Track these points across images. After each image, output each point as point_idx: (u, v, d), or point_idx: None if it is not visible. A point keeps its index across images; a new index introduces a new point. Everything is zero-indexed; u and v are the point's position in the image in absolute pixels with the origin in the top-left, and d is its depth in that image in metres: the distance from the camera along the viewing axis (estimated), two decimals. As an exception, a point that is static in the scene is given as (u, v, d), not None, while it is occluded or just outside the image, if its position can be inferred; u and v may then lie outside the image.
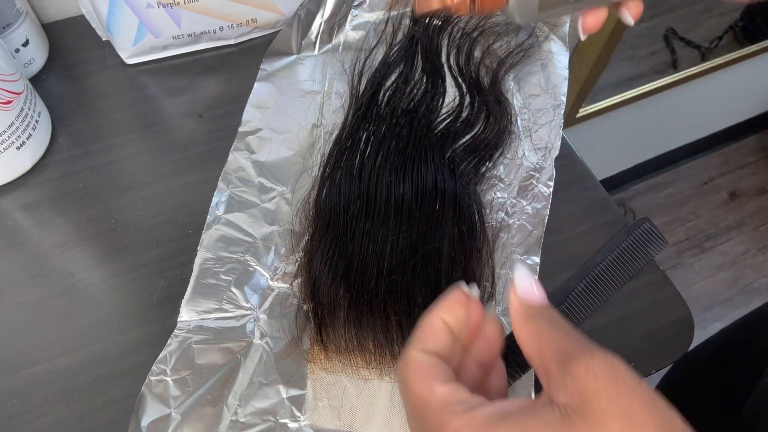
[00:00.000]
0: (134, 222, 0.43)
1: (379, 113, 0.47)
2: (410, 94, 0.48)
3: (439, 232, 0.40)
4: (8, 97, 0.42)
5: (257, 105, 0.48)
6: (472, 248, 0.40)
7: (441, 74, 0.49)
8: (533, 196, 0.44)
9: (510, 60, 0.50)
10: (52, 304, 0.40)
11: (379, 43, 0.51)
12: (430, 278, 0.38)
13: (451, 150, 0.45)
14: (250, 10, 0.52)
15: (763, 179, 1.51)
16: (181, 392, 0.35)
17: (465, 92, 0.49)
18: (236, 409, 0.35)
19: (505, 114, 0.47)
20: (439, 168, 0.43)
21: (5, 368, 0.37)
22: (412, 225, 0.40)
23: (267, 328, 0.38)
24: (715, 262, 1.38)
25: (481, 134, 0.46)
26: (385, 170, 0.43)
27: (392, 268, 0.39)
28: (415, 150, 0.44)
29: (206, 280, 0.39)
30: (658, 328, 0.40)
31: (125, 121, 0.49)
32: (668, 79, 1.03)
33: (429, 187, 0.42)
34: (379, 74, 0.49)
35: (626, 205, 1.45)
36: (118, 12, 0.48)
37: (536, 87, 0.50)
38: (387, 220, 0.40)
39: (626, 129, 1.20)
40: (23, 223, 0.43)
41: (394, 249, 0.39)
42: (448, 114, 0.47)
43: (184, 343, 0.37)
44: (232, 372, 0.36)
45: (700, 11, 1.05)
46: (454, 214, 0.41)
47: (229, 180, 0.44)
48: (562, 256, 0.43)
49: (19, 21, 0.48)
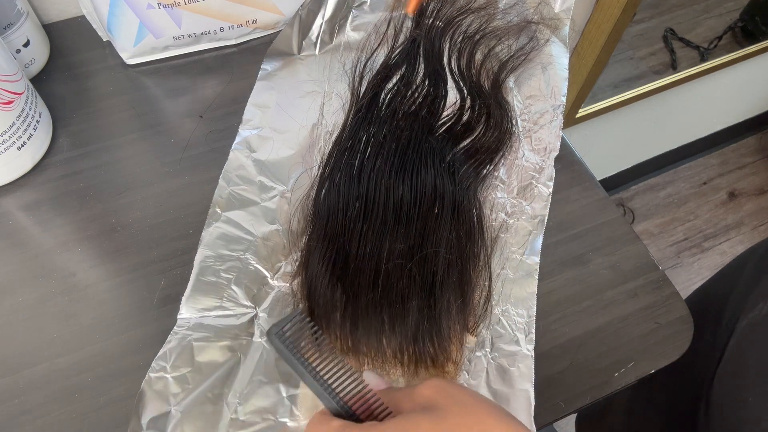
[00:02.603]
0: (135, 222, 0.44)
1: (380, 115, 0.47)
2: (411, 97, 0.48)
3: (437, 236, 0.40)
4: (9, 97, 0.42)
5: (258, 104, 0.48)
6: (470, 253, 0.40)
7: (443, 77, 0.49)
8: (533, 196, 0.44)
9: (511, 64, 0.50)
10: (53, 303, 0.40)
11: (380, 45, 0.51)
12: (425, 282, 0.38)
13: (452, 153, 0.45)
14: (250, 11, 0.52)
15: (762, 179, 1.51)
16: (181, 389, 0.35)
17: (466, 95, 0.48)
18: (236, 407, 0.35)
19: (505, 117, 0.47)
20: (439, 171, 0.43)
21: (6, 367, 0.38)
22: (410, 228, 0.40)
23: (267, 327, 0.38)
24: (714, 262, 1.38)
25: (481, 137, 0.46)
26: (385, 172, 0.43)
27: (389, 271, 0.38)
28: (415, 153, 0.44)
29: (206, 278, 0.40)
30: (657, 328, 0.40)
31: (126, 122, 0.49)
32: (667, 80, 1.03)
33: (428, 191, 0.42)
34: (380, 76, 0.49)
35: (626, 205, 1.45)
36: (118, 12, 0.48)
37: (536, 88, 0.50)
38: (385, 222, 0.40)
39: (626, 129, 1.20)
40: (24, 223, 0.44)
41: (391, 252, 0.39)
42: (449, 117, 0.47)
43: (183, 341, 0.37)
44: (232, 370, 0.36)
45: (700, 12, 1.05)
46: (452, 219, 0.41)
47: (230, 178, 0.44)
48: (562, 256, 0.43)
49: (20, 21, 0.48)
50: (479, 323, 0.39)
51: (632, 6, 0.74)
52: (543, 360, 0.39)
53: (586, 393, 0.38)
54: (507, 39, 0.52)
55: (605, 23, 0.78)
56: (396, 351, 0.37)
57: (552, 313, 0.41)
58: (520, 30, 0.52)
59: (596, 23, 0.79)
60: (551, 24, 0.53)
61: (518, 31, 0.52)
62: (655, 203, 1.46)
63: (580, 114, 1.00)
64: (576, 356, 0.39)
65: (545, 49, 0.52)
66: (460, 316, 0.38)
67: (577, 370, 0.39)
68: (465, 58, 0.50)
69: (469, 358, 0.38)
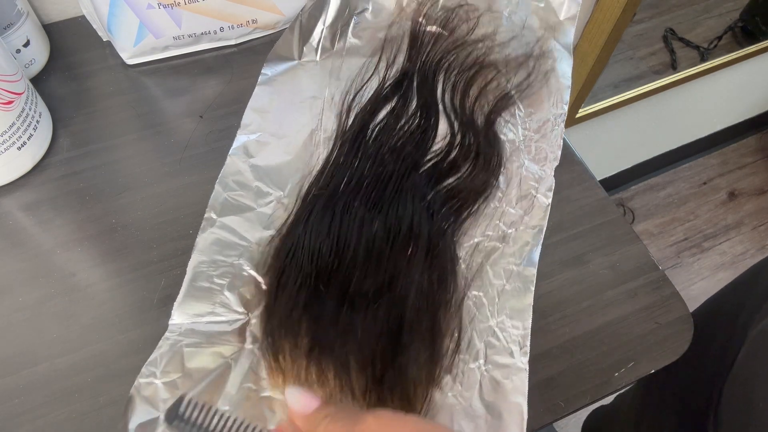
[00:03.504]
0: (135, 222, 0.44)
1: (367, 150, 0.45)
2: (400, 131, 0.46)
3: (407, 279, 0.38)
4: (9, 97, 0.42)
5: (257, 109, 0.48)
6: (441, 300, 0.38)
7: (435, 110, 0.48)
8: (532, 207, 0.44)
9: (502, 104, 0.48)
10: (53, 303, 0.40)
11: (371, 77, 0.50)
12: (391, 326, 0.37)
13: (434, 192, 0.43)
14: (250, 11, 0.52)
15: (761, 179, 1.51)
16: (171, 395, 0.35)
17: (456, 131, 0.47)
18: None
19: (495, 157, 0.45)
20: (417, 210, 0.41)
21: (6, 368, 0.38)
22: (380, 268, 0.39)
23: (259, 333, 0.38)
24: (714, 262, 1.38)
25: (467, 177, 0.44)
26: (361, 207, 0.41)
27: (354, 308, 0.37)
28: (394, 189, 0.42)
29: (199, 283, 0.39)
30: (657, 328, 0.41)
31: (126, 122, 0.49)
32: (667, 80, 1.03)
33: (404, 229, 0.40)
34: (369, 109, 0.47)
35: (626, 205, 1.46)
36: (118, 12, 0.48)
37: (538, 96, 0.49)
38: (355, 259, 0.39)
39: (626, 129, 1.20)
40: (24, 223, 0.44)
41: (358, 290, 0.38)
42: (436, 153, 0.46)
43: (175, 346, 0.37)
44: (222, 376, 0.36)
45: (700, 12, 1.05)
46: (425, 261, 0.39)
47: (226, 183, 0.44)
48: (562, 256, 0.43)
49: (20, 21, 0.48)
50: (443, 374, 0.37)
51: (632, 6, 0.74)
52: (543, 360, 0.39)
53: (586, 393, 0.38)
54: (505, 74, 0.50)
55: (605, 23, 0.78)
56: (362, 392, 0.35)
57: (552, 313, 0.41)
58: (518, 65, 0.50)
59: (596, 23, 0.79)
60: (554, 29, 0.52)
61: (517, 65, 0.50)
62: (655, 203, 1.46)
63: (580, 114, 1.00)
64: (576, 356, 0.39)
65: (548, 57, 0.51)
66: (427, 367, 0.36)
67: (577, 370, 0.39)
68: (459, 93, 0.49)
69: (463, 370, 0.37)
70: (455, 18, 0.53)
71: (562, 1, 0.53)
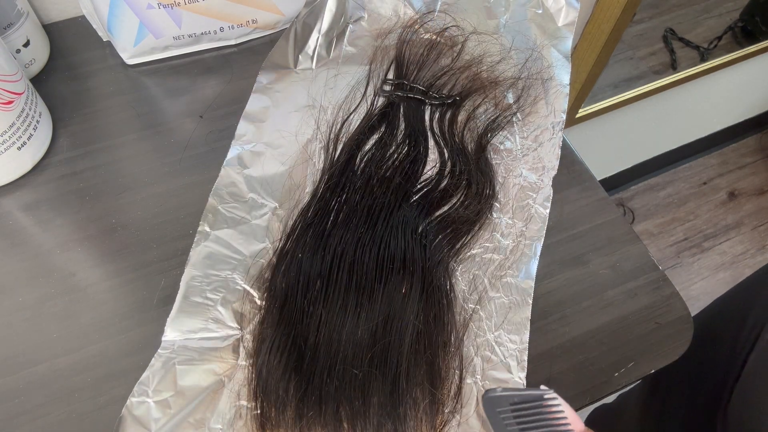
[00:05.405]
0: (135, 222, 0.44)
1: (354, 181, 0.44)
2: (389, 160, 0.45)
3: (402, 322, 0.37)
4: (9, 97, 0.42)
5: (252, 118, 0.48)
6: (438, 342, 0.37)
7: (424, 138, 0.47)
8: (529, 217, 0.43)
9: (490, 134, 0.47)
10: (53, 303, 0.40)
11: (358, 106, 0.49)
12: (387, 375, 0.35)
13: (426, 223, 0.42)
14: (250, 11, 0.52)
15: (761, 179, 1.51)
16: (163, 414, 0.35)
17: (447, 159, 0.46)
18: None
19: (487, 185, 0.44)
20: (410, 244, 0.40)
21: (6, 368, 0.38)
22: (373, 311, 0.37)
23: (252, 348, 0.37)
24: (714, 262, 1.38)
25: (459, 206, 0.43)
26: (350, 245, 0.40)
27: (347, 360, 0.35)
28: (384, 223, 0.41)
29: (192, 298, 0.39)
30: (657, 328, 0.41)
31: (126, 122, 0.49)
32: (667, 80, 1.03)
33: (396, 266, 0.39)
34: (356, 139, 0.46)
35: (626, 205, 1.45)
36: (118, 12, 0.48)
37: (536, 104, 0.49)
38: (346, 304, 0.38)
39: (626, 129, 1.20)
40: (24, 223, 0.44)
41: (351, 339, 0.36)
42: (426, 182, 0.45)
43: (167, 363, 0.36)
44: (215, 394, 0.36)
45: (700, 12, 1.05)
46: (420, 300, 0.38)
47: (221, 195, 0.43)
48: (562, 256, 0.43)
49: (20, 21, 0.48)
50: (445, 423, 0.35)
51: (632, 6, 0.74)
52: (543, 360, 0.39)
53: (586, 393, 0.38)
54: (493, 98, 0.49)
55: (605, 23, 0.78)
56: None
57: (552, 313, 0.41)
58: (508, 87, 0.50)
59: (596, 23, 0.79)
60: (552, 35, 0.51)
61: (506, 88, 0.50)
62: (655, 203, 1.46)
63: (580, 114, 1.00)
64: (576, 356, 0.39)
65: (546, 64, 0.51)
66: (427, 416, 0.35)
67: (577, 370, 0.39)
68: (447, 119, 0.48)
69: (460, 386, 0.37)
70: (440, 42, 0.52)
71: (560, 7, 0.53)
